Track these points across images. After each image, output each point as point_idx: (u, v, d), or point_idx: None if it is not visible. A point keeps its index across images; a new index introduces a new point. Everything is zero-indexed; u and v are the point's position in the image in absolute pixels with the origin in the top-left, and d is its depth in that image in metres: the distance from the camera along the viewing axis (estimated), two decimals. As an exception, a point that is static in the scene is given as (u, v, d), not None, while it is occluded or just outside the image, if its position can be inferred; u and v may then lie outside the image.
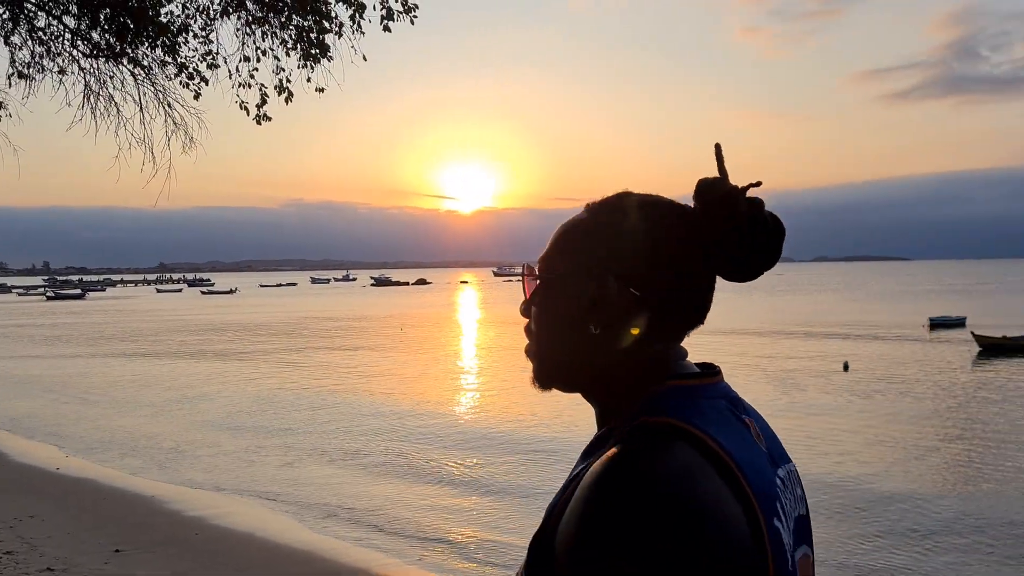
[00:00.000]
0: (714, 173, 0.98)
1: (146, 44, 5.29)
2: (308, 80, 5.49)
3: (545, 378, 1.02)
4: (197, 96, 5.64)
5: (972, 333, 28.43)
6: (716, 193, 0.95)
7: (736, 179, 0.97)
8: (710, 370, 1.01)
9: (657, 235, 0.96)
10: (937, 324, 36.80)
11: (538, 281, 1.02)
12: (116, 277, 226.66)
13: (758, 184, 0.96)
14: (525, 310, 1.05)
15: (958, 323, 37.07)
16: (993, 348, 27.00)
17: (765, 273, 1.02)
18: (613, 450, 0.86)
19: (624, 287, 0.95)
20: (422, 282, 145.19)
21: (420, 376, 23.46)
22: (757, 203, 0.96)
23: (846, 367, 23.29)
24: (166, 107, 5.59)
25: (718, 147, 0.97)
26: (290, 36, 5.42)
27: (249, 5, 5.35)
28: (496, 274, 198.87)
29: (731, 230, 0.95)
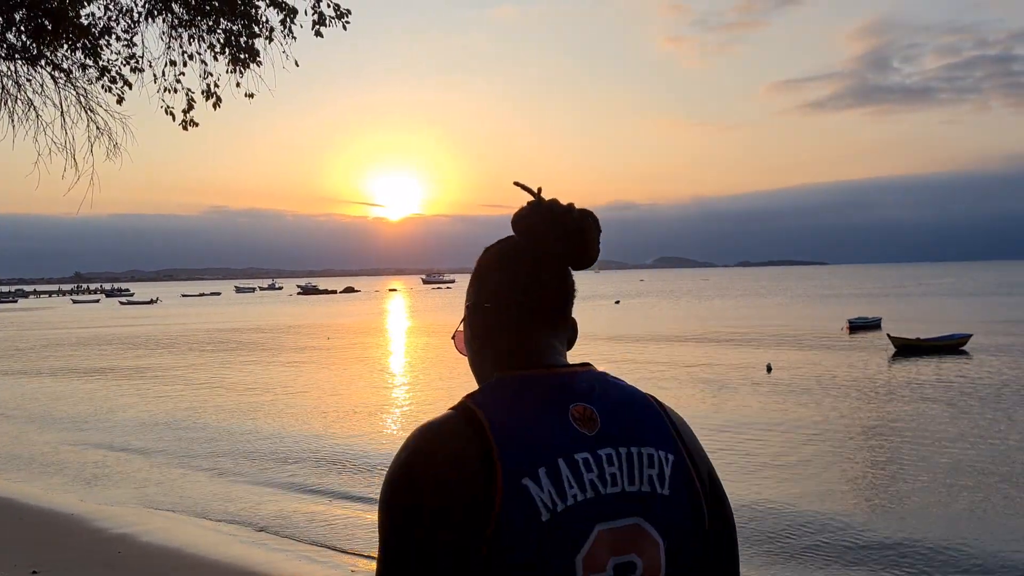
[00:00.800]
0: (625, 185, 1.06)
1: (65, 47, 5.09)
2: (237, 85, 5.35)
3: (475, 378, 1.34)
4: (120, 100, 5.44)
5: (888, 335, 29.48)
6: (530, 217, 1.27)
7: (659, 186, 1.04)
8: (561, 366, 1.27)
9: (481, 272, 1.33)
10: (857, 326, 38.06)
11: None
12: (29, 288, 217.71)
13: (538, 190, 1.31)
14: None
15: (874, 324, 38.45)
16: (907, 349, 28.07)
17: (698, 279, 1.15)
18: None
19: (475, 311, 1.32)
20: (350, 290, 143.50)
21: (347, 388, 23.17)
22: (563, 207, 1.27)
23: (769, 369, 23.89)
24: (88, 112, 5.37)
25: (517, 183, 1.32)
26: (218, 40, 5.28)
27: (175, 8, 5.19)
28: (425, 281, 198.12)
29: (552, 236, 1.27)
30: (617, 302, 76.11)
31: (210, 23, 5.16)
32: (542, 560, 1.09)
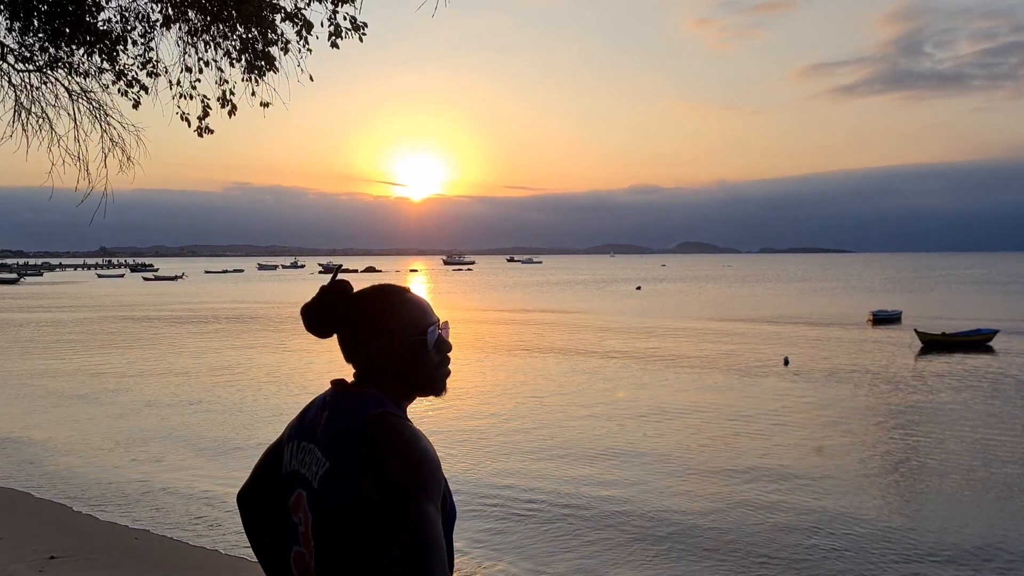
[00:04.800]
0: (648, 168, 1.02)
1: (82, 51, 5.05)
2: (253, 94, 5.28)
3: None
4: (136, 105, 5.40)
5: (915, 330, 29.13)
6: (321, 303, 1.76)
7: (684, 170, 1.00)
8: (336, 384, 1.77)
9: None
10: (880, 319, 37.68)
11: None
12: (55, 261, 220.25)
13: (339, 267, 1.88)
14: None
15: (895, 317, 38.08)
16: (933, 344, 27.73)
17: (721, 265, 1.22)
18: None
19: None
20: (371, 270, 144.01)
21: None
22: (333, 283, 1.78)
23: (787, 362, 23.68)
24: (103, 123, 5.34)
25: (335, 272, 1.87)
26: (234, 47, 5.22)
27: (191, 15, 5.13)
28: (446, 263, 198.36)
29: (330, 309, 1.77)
30: (639, 288, 75.82)
31: (226, 29, 5.11)
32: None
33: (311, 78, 5.14)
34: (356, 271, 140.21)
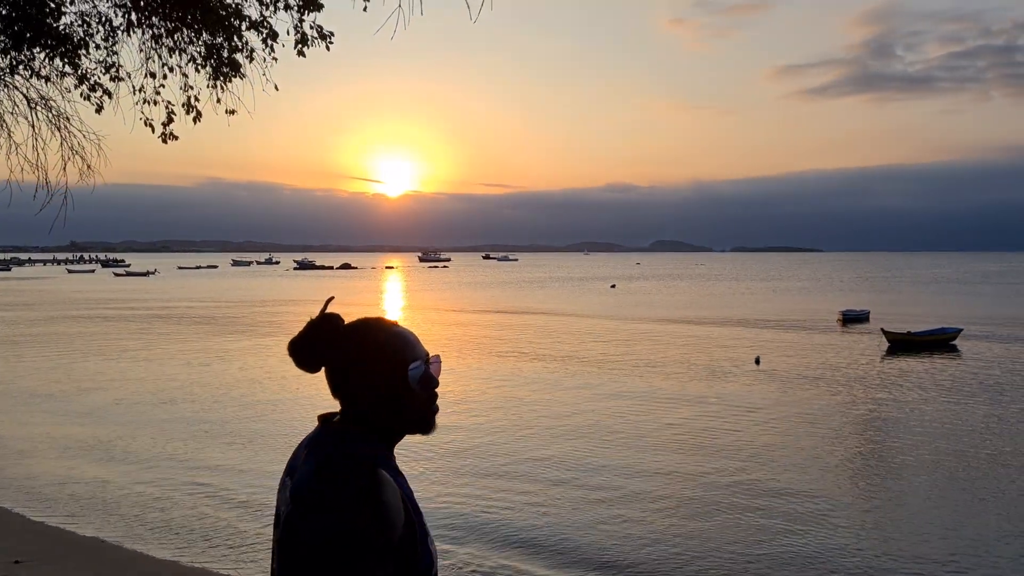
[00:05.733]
0: (624, 167, 1.08)
1: (43, 55, 5.02)
2: (218, 101, 5.28)
3: None
4: (99, 110, 5.37)
5: (882, 329, 29.55)
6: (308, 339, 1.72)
7: (659, 169, 1.06)
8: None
9: None
10: (849, 319, 38.20)
11: None
12: (24, 256, 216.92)
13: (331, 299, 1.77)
14: None
15: (863, 317, 38.68)
16: (899, 343, 28.16)
17: (694, 264, 1.28)
18: None
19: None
20: (347, 267, 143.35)
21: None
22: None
23: (758, 361, 23.93)
24: (63, 132, 5.31)
25: (327, 301, 1.74)
26: (199, 52, 5.21)
27: (155, 20, 5.11)
28: (422, 259, 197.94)
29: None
30: (613, 286, 76.13)
31: (191, 35, 5.09)
32: None
33: (276, 87, 5.14)
34: (332, 268, 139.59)
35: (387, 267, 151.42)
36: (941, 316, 38.27)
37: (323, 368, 1.72)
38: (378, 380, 1.69)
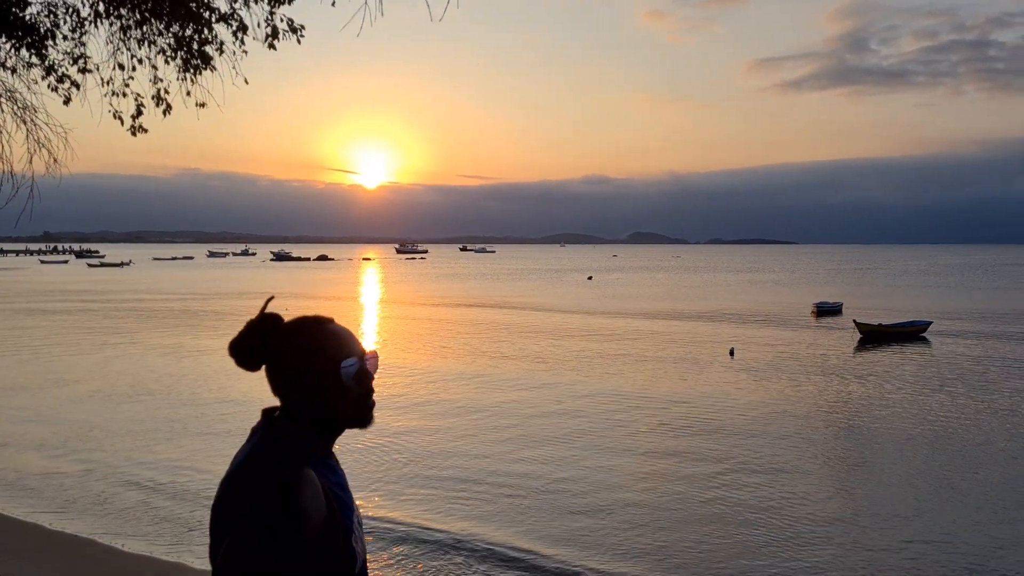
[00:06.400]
0: (600, 159, 1.11)
1: (9, 45, 4.97)
2: (188, 94, 5.25)
3: None
4: (67, 102, 5.33)
5: (854, 321, 29.90)
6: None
7: (635, 162, 1.09)
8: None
9: None
10: (823, 311, 38.57)
11: None
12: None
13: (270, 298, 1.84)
14: None
15: (836, 309, 39.07)
16: (871, 335, 28.51)
17: (670, 256, 1.30)
18: None
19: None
20: (324, 258, 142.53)
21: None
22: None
23: (732, 353, 24.14)
24: (29, 124, 5.25)
25: (268, 301, 1.80)
26: (168, 45, 5.17)
27: (123, 11, 5.07)
28: (399, 251, 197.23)
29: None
30: (590, 278, 76.33)
31: (160, 27, 5.05)
32: None
33: (246, 81, 5.11)
34: (309, 259, 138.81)
35: (364, 259, 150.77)
36: (913, 309, 38.78)
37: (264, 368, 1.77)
38: (311, 378, 1.73)
